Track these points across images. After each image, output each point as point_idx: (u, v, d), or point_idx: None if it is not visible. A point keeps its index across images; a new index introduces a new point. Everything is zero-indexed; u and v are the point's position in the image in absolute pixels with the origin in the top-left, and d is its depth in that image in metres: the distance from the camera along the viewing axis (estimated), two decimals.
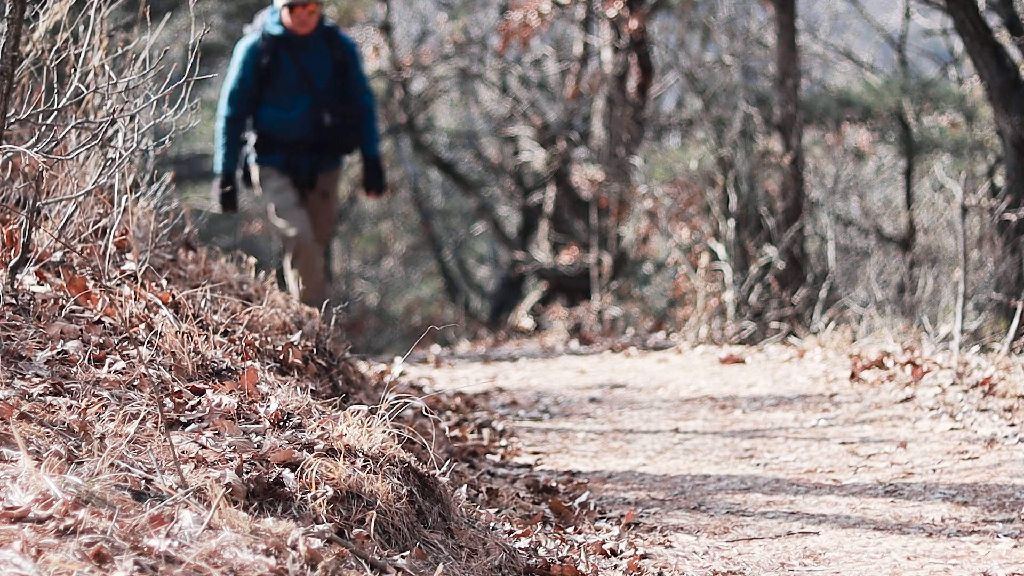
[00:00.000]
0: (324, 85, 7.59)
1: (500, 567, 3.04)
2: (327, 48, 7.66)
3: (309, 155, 7.64)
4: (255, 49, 7.58)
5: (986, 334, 7.38)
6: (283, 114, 7.55)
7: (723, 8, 11.24)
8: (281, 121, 7.56)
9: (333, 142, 7.66)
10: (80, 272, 3.71)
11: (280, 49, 7.56)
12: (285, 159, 7.60)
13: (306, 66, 7.59)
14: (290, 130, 7.56)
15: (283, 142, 7.60)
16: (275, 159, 7.61)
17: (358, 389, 4.80)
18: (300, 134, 7.57)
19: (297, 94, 7.56)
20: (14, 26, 3.32)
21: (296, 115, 7.56)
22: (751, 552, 3.65)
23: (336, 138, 7.65)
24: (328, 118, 7.58)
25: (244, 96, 7.55)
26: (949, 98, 10.77)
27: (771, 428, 5.24)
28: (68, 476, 2.49)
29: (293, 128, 7.56)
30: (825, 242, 9.55)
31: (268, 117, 7.58)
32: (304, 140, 7.59)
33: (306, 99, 7.56)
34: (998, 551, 3.54)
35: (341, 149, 7.75)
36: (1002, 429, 4.81)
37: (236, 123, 7.57)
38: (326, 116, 7.59)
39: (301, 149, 7.61)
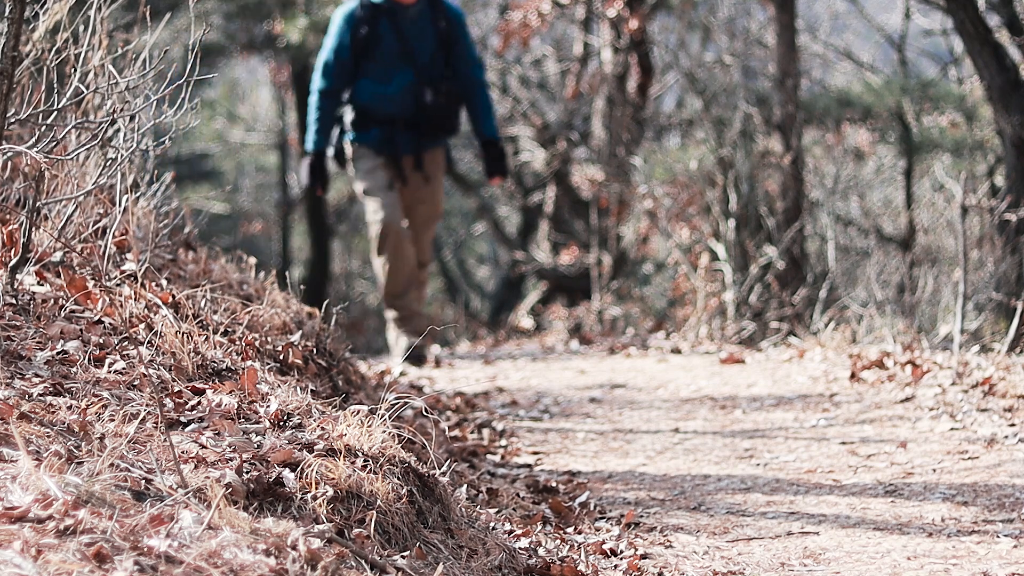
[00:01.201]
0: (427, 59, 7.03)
1: (500, 567, 3.05)
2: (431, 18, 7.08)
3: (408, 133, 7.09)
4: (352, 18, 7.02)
5: (986, 334, 7.38)
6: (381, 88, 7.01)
7: (723, 8, 11.24)
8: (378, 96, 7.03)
9: (433, 122, 7.09)
10: (80, 272, 3.71)
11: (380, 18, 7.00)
12: (381, 136, 7.08)
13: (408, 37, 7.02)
14: (388, 106, 7.03)
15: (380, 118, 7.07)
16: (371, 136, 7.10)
17: (358, 389, 4.80)
18: (398, 111, 7.04)
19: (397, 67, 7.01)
20: (14, 26, 3.32)
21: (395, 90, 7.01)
22: (751, 552, 3.65)
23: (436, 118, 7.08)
24: (429, 96, 7.03)
25: (339, 69, 7.01)
26: (949, 98, 10.77)
27: (771, 428, 5.24)
28: (68, 476, 2.49)
29: (391, 104, 7.03)
30: (825, 242, 9.55)
31: (365, 91, 7.04)
32: (402, 117, 7.06)
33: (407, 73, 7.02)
34: (998, 551, 3.54)
35: (442, 130, 7.16)
36: (1002, 429, 4.81)
37: (330, 97, 7.06)
38: (427, 93, 7.03)
39: (399, 126, 7.07)
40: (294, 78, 17.56)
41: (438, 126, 7.12)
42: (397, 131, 7.07)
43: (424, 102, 7.02)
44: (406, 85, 7.02)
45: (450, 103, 7.09)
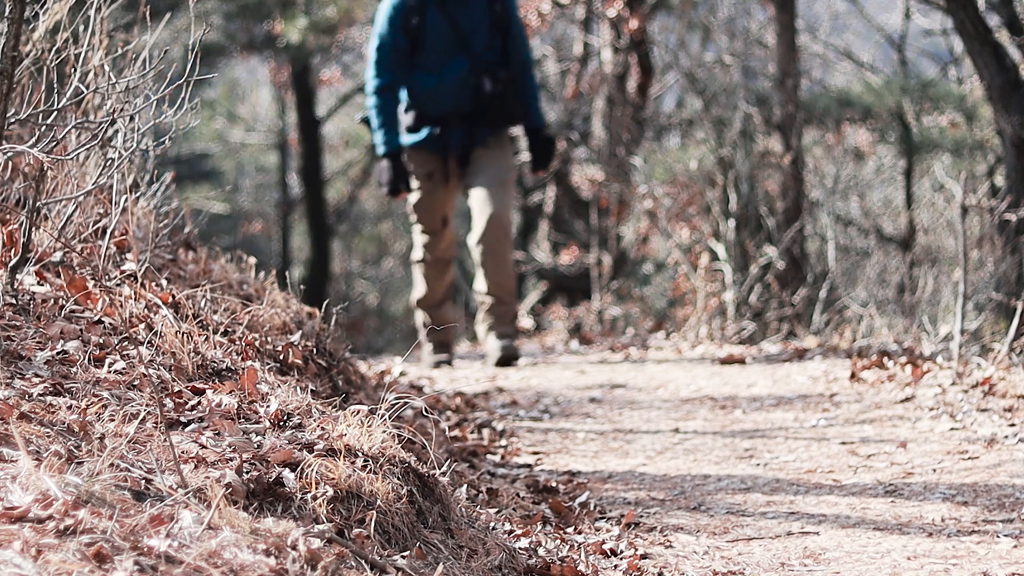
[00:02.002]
0: (482, 45, 6.53)
1: (500, 567, 3.04)
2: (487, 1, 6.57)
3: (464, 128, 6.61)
4: (402, 6, 6.51)
5: (986, 334, 7.38)
6: (433, 80, 6.52)
7: (723, 8, 11.24)
8: (431, 89, 6.54)
9: (494, 112, 6.56)
10: (80, 272, 3.71)
11: (429, 4, 6.49)
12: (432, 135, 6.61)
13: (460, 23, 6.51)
14: (442, 99, 6.54)
15: (433, 115, 6.58)
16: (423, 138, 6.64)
17: (358, 389, 4.80)
18: (453, 104, 6.56)
19: (450, 56, 6.51)
20: (14, 26, 3.32)
21: (449, 81, 6.52)
22: (751, 552, 3.65)
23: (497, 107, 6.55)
24: (488, 84, 6.50)
25: (395, 60, 6.50)
26: (949, 98, 10.77)
27: (771, 428, 5.24)
28: (68, 476, 2.49)
29: (445, 97, 6.54)
30: (825, 242, 9.55)
31: (417, 84, 6.56)
32: (458, 111, 6.57)
33: (461, 62, 6.52)
34: (998, 551, 3.54)
35: (504, 120, 6.64)
36: (1002, 429, 4.81)
37: (391, 91, 6.55)
38: (486, 82, 6.50)
39: (455, 121, 6.59)
40: (294, 78, 17.58)
41: (498, 116, 6.62)
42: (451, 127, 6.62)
43: (483, 92, 6.54)
44: (461, 75, 6.54)
45: (509, 91, 6.59)
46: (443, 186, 6.81)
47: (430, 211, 6.82)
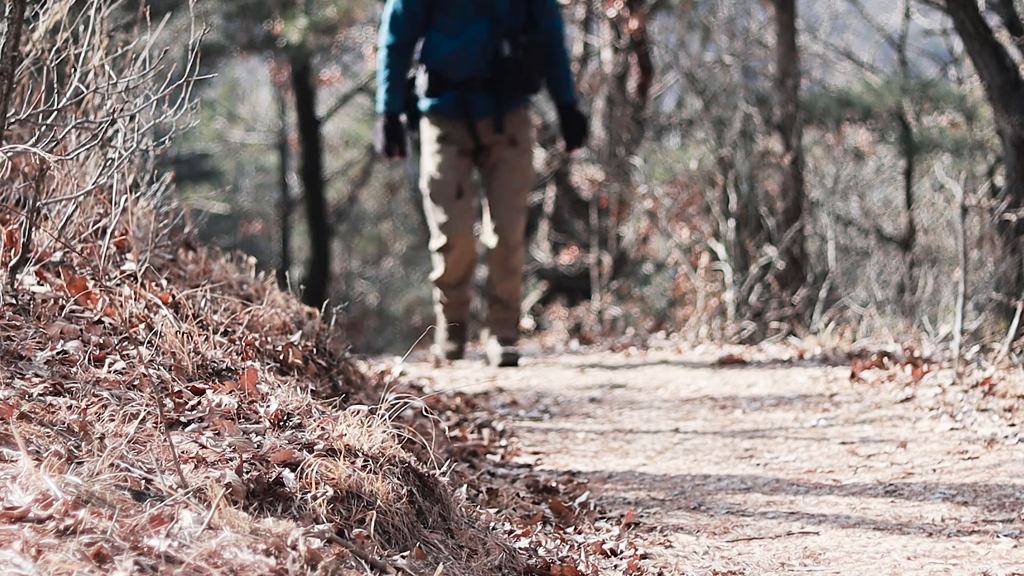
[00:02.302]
0: (506, 9, 6.25)
1: (500, 567, 3.04)
2: None
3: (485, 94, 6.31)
4: None
5: (986, 334, 7.38)
6: (453, 43, 6.25)
7: (723, 8, 11.24)
8: (451, 52, 6.27)
9: (514, 79, 6.25)
10: (80, 272, 3.71)
11: None
12: (455, 101, 6.33)
13: None
14: (462, 63, 6.27)
15: (453, 79, 6.30)
16: (444, 102, 6.35)
17: (358, 389, 4.80)
18: (473, 68, 6.28)
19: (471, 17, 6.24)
20: (14, 26, 3.32)
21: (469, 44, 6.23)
22: (751, 552, 3.65)
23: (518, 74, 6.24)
24: (508, 48, 6.20)
25: (408, 19, 6.27)
26: (949, 98, 10.77)
27: (771, 428, 5.24)
28: (68, 476, 2.49)
29: (465, 60, 6.27)
30: (825, 242, 9.56)
31: (436, 47, 6.30)
32: (478, 76, 6.29)
33: (482, 23, 6.24)
34: (998, 551, 3.54)
35: (524, 88, 6.33)
36: (1002, 429, 4.81)
37: (399, 51, 6.33)
38: (505, 46, 6.20)
39: (476, 87, 6.30)
40: (294, 78, 17.58)
41: (518, 83, 6.30)
42: (473, 92, 6.30)
43: (503, 57, 6.22)
44: (482, 38, 6.24)
45: (530, 57, 6.26)
46: (459, 152, 6.43)
47: (443, 177, 6.42)
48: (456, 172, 6.42)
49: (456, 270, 6.64)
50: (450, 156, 6.42)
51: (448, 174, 6.41)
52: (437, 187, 6.45)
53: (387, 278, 21.64)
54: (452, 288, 6.78)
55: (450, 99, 6.36)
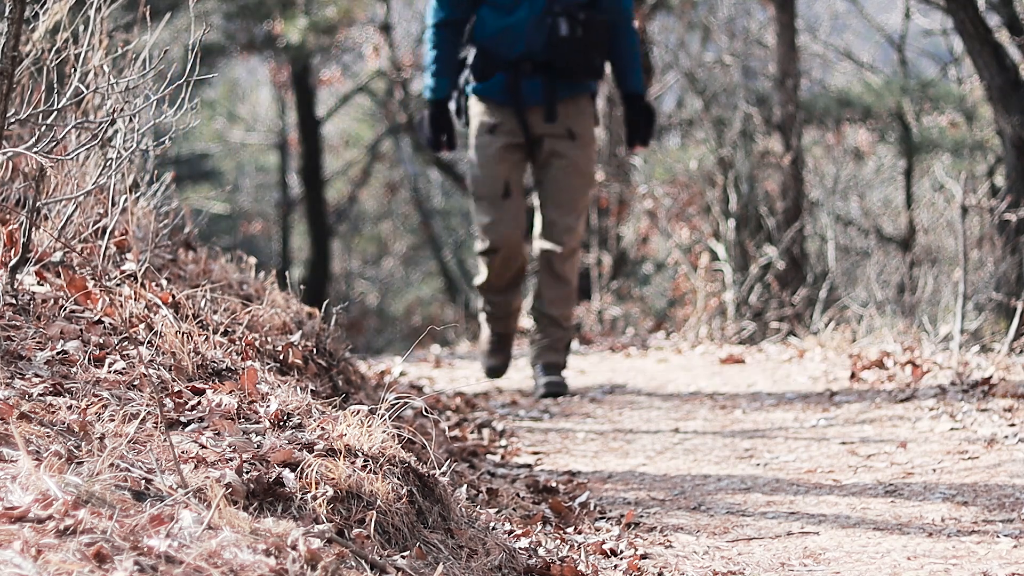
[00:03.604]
0: None
1: (500, 567, 3.04)
2: None
3: (538, 78, 5.64)
4: None
5: (986, 334, 7.38)
6: (503, 19, 5.60)
7: (723, 8, 11.24)
8: (501, 29, 5.61)
9: (571, 61, 5.60)
10: (80, 272, 3.71)
11: None
12: (504, 84, 5.65)
13: None
14: (512, 42, 5.60)
15: (504, 60, 5.63)
16: (492, 87, 5.70)
17: (358, 389, 4.80)
18: (525, 48, 5.60)
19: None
20: (14, 26, 3.32)
21: (522, 21, 5.58)
22: (751, 552, 3.65)
23: (574, 56, 5.59)
24: (564, 27, 5.55)
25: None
26: (949, 98, 10.77)
27: (771, 428, 5.24)
28: (68, 476, 2.49)
29: (516, 39, 5.60)
30: (825, 242, 9.56)
31: (486, 24, 5.63)
32: (531, 57, 5.61)
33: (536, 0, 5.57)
34: (998, 551, 3.54)
35: (583, 72, 5.67)
36: (1002, 429, 4.81)
37: (448, 29, 5.67)
38: (562, 24, 5.55)
39: (527, 69, 5.62)
40: (294, 78, 17.58)
41: (576, 67, 5.63)
42: (523, 76, 5.63)
43: (558, 36, 5.57)
44: (535, 14, 5.58)
45: (590, 37, 5.60)
46: (508, 145, 5.75)
47: (488, 172, 5.73)
48: (504, 167, 5.73)
49: (502, 275, 5.89)
50: (498, 149, 5.73)
51: (495, 169, 5.71)
52: (482, 184, 5.75)
53: (387, 278, 21.65)
54: (497, 294, 6.02)
55: (499, 82, 5.67)
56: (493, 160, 5.72)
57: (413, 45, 16.72)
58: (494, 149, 5.72)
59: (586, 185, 5.80)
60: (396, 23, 16.32)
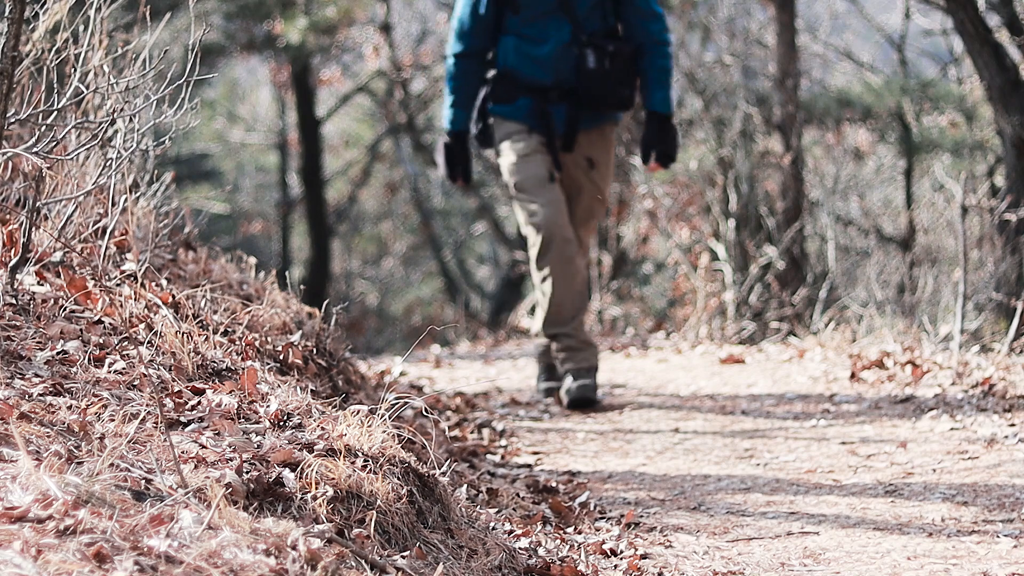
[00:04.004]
0: (586, 9, 5.51)
1: (500, 567, 3.04)
2: None
3: (564, 106, 5.56)
4: None
5: (986, 334, 7.38)
6: (530, 48, 5.50)
7: (723, 8, 11.24)
8: (528, 58, 5.52)
9: (598, 92, 5.53)
10: (80, 272, 3.71)
11: None
12: (532, 109, 5.55)
13: None
14: (539, 71, 5.51)
15: (530, 85, 5.54)
16: (519, 109, 5.58)
17: (358, 389, 4.80)
18: (553, 77, 5.52)
19: (550, 20, 5.50)
20: (14, 26, 3.32)
21: (548, 51, 5.49)
22: (751, 552, 3.65)
23: (602, 87, 5.51)
24: (592, 59, 5.47)
25: (478, 27, 5.52)
26: (949, 98, 10.77)
27: (771, 428, 5.24)
28: (68, 476, 2.49)
29: (544, 68, 5.51)
30: (825, 242, 9.56)
31: (511, 52, 5.54)
32: (558, 86, 5.53)
33: (563, 28, 5.49)
34: (998, 551, 3.54)
35: (610, 103, 5.59)
36: (1002, 429, 4.81)
37: (469, 62, 5.57)
38: (590, 56, 5.47)
39: (554, 97, 5.54)
40: (294, 78, 17.58)
41: (603, 98, 5.55)
42: (550, 103, 5.55)
43: (585, 67, 5.48)
44: (562, 44, 5.49)
45: (618, 67, 5.51)
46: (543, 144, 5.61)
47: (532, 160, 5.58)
48: (544, 157, 5.58)
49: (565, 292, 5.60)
50: (535, 141, 5.59)
51: (535, 158, 5.56)
52: (524, 170, 5.56)
53: (387, 278, 21.65)
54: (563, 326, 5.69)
55: (524, 107, 5.59)
56: (531, 149, 5.58)
57: (413, 45, 16.72)
58: (531, 142, 5.58)
59: (601, 206, 5.81)
60: (396, 23, 16.32)
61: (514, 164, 5.59)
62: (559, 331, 5.68)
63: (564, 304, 5.63)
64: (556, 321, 5.68)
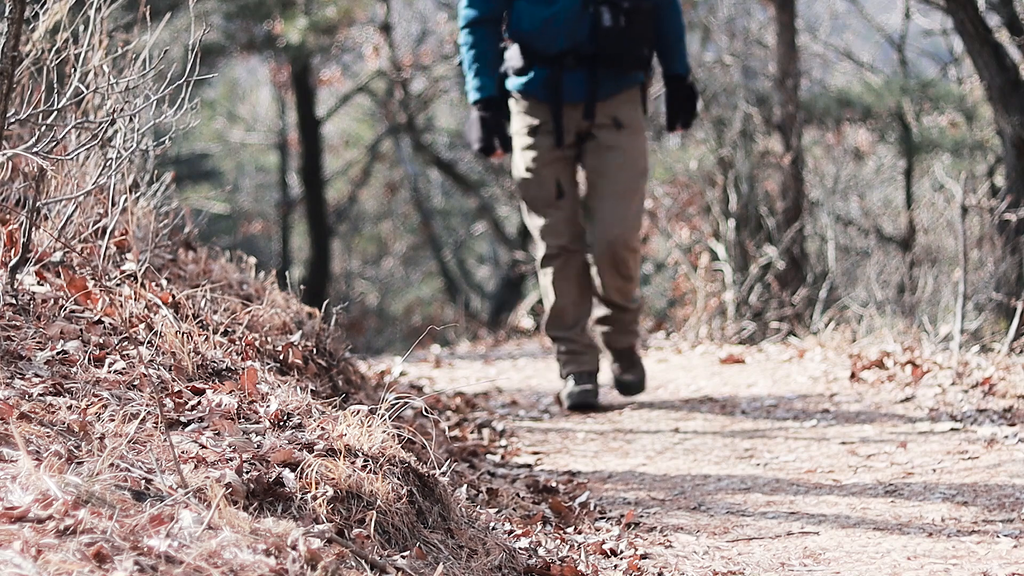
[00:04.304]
0: None
1: (500, 567, 3.04)
2: None
3: (580, 72, 5.30)
4: None
5: (986, 334, 7.38)
6: (541, 11, 5.25)
7: (723, 8, 11.24)
8: (539, 21, 5.26)
9: (615, 52, 5.27)
10: (80, 272, 3.71)
11: None
12: (545, 80, 5.31)
13: None
14: (552, 35, 5.26)
15: (543, 54, 5.29)
16: (532, 83, 5.35)
17: (358, 389, 4.80)
18: (566, 41, 5.26)
19: None
20: (14, 26, 3.32)
21: (560, 11, 5.23)
22: (751, 552, 3.65)
23: (620, 47, 5.26)
24: (608, 17, 5.22)
25: None
26: (949, 98, 10.77)
27: (771, 428, 5.24)
28: (68, 476, 2.49)
29: (556, 32, 5.26)
30: (825, 242, 9.56)
31: (523, 18, 5.29)
32: (573, 49, 5.27)
33: None
34: (998, 551, 3.54)
35: (629, 64, 5.34)
36: (1002, 429, 4.81)
37: (483, 26, 5.27)
38: (605, 14, 5.22)
39: (570, 63, 5.28)
40: (294, 78, 17.58)
41: (622, 58, 5.30)
42: (566, 70, 5.28)
43: (601, 26, 5.23)
44: (576, 5, 5.23)
45: (635, 26, 5.27)
46: (554, 146, 5.39)
47: (535, 175, 5.39)
48: (553, 168, 5.39)
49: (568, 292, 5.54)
50: (545, 148, 5.38)
51: (544, 171, 5.38)
52: (531, 188, 5.41)
53: (387, 278, 21.65)
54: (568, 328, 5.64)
55: (540, 78, 5.33)
56: (540, 162, 5.39)
57: (413, 45, 16.72)
58: (541, 149, 5.38)
59: (639, 176, 5.42)
60: (396, 23, 16.32)
61: (523, 179, 5.44)
62: (560, 334, 5.65)
63: (566, 311, 5.60)
64: (558, 325, 5.65)
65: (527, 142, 5.40)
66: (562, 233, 5.42)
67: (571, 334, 5.63)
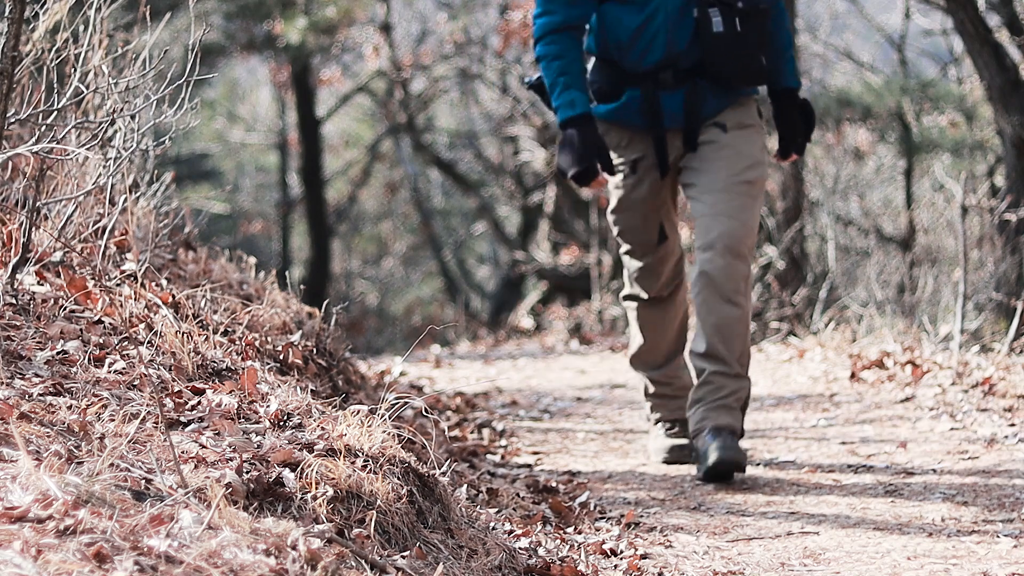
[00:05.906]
0: None
1: (500, 567, 3.04)
2: None
3: (682, 90, 4.33)
4: None
5: (986, 334, 7.38)
6: (632, 17, 4.29)
7: None
8: (629, 31, 4.30)
9: (728, 65, 4.29)
10: (80, 272, 3.71)
11: None
12: (640, 104, 4.36)
13: None
14: (649, 46, 4.30)
15: (637, 70, 4.35)
16: (626, 108, 4.41)
17: (358, 389, 4.80)
18: (666, 53, 4.30)
19: None
20: (14, 26, 3.32)
21: (659, 18, 4.27)
22: (751, 552, 3.65)
23: (733, 57, 4.27)
24: (719, 20, 4.24)
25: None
26: (949, 98, 10.77)
27: (771, 428, 5.24)
28: (68, 476, 2.49)
29: (654, 42, 4.29)
30: (825, 242, 9.56)
31: (610, 25, 4.34)
32: (674, 63, 4.32)
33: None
34: (998, 551, 3.54)
35: (742, 78, 4.34)
36: (1002, 429, 4.81)
37: (567, 33, 4.29)
38: (714, 17, 4.24)
39: (670, 80, 4.33)
40: (294, 78, 17.58)
41: (734, 72, 4.31)
42: (663, 89, 4.33)
43: (710, 34, 4.27)
44: (677, 8, 4.27)
45: (751, 32, 4.27)
46: (656, 180, 4.49)
47: (638, 219, 4.53)
48: (655, 206, 4.53)
49: (659, 334, 4.70)
50: (648, 185, 4.51)
51: (644, 212, 4.53)
52: (634, 233, 4.56)
53: (387, 278, 21.66)
54: (658, 369, 4.78)
55: (629, 103, 4.42)
56: (640, 202, 4.51)
57: (413, 45, 16.72)
58: (639, 190, 4.50)
59: (749, 169, 4.36)
60: (396, 23, 16.32)
61: (624, 222, 4.55)
62: (649, 374, 4.79)
63: (657, 349, 4.74)
64: (646, 364, 4.80)
65: (624, 177, 4.51)
66: (659, 279, 4.62)
67: (660, 375, 4.77)
